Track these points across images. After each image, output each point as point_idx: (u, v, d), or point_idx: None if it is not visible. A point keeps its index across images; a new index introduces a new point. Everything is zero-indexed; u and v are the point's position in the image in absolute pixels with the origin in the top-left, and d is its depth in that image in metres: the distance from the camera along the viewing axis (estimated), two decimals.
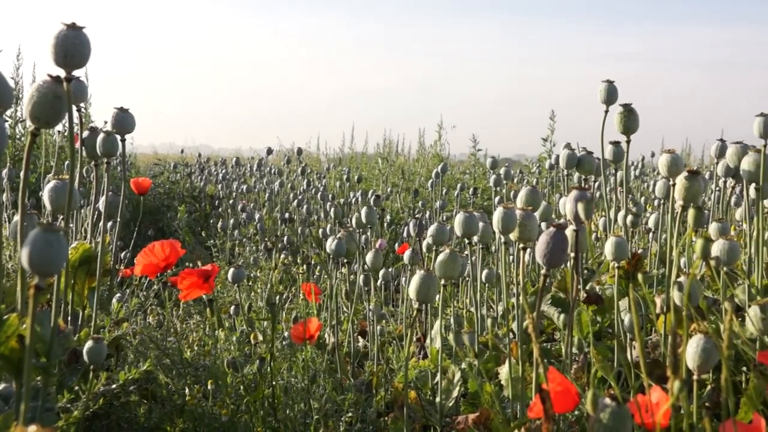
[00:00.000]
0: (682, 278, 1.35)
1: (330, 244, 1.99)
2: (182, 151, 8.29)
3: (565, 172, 2.06)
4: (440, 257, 1.51)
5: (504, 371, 1.58)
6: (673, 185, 1.51)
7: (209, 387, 1.61)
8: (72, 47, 1.08)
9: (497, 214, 1.42)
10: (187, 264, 2.95)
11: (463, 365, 1.85)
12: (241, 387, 1.58)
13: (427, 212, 4.38)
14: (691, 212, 0.84)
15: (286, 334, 1.86)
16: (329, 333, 2.10)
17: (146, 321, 2.02)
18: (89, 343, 1.31)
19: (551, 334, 2.14)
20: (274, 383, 1.55)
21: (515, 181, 5.72)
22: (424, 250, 2.37)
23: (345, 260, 2.04)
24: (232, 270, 1.91)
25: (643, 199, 4.25)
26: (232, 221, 4.19)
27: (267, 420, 1.54)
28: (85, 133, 1.69)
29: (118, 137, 1.66)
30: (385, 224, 4.76)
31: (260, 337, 1.78)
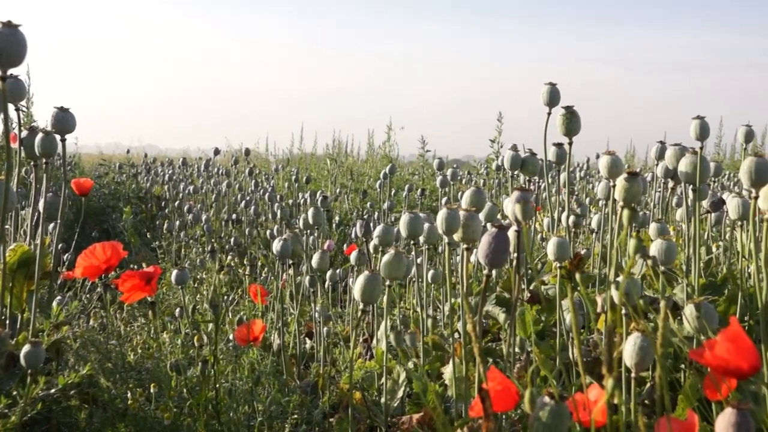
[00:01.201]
0: (620, 278, 1.38)
1: (275, 246, 1.98)
2: (128, 152, 8.17)
3: (510, 174, 2.08)
4: (385, 258, 1.52)
5: (448, 371, 1.59)
6: (614, 186, 1.54)
7: (152, 390, 1.59)
8: (7, 45, 1.06)
9: (441, 215, 1.43)
10: (132, 266, 2.91)
11: (409, 365, 1.86)
12: (185, 390, 1.57)
13: (376, 213, 4.38)
14: (624, 212, 0.86)
15: (231, 336, 1.85)
16: (275, 335, 2.09)
17: (88, 324, 1.98)
18: (27, 347, 1.28)
19: (497, 333, 2.16)
20: (217, 386, 1.53)
21: (463, 182, 5.76)
22: (371, 251, 2.37)
23: (291, 261, 2.03)
24: (175, 272, 1.89)
25: (588, 199, 4.31)
26: (178, 222, 4.14)
27: (210, 423, 1.53)
28: (24, 133, 1.66)
29: (58, 137, 1.63)
30: (334, 225, 4.76)
31: (205, 339, 1.76)
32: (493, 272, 2.30)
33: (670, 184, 2.13)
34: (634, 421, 1.02)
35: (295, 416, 1.66)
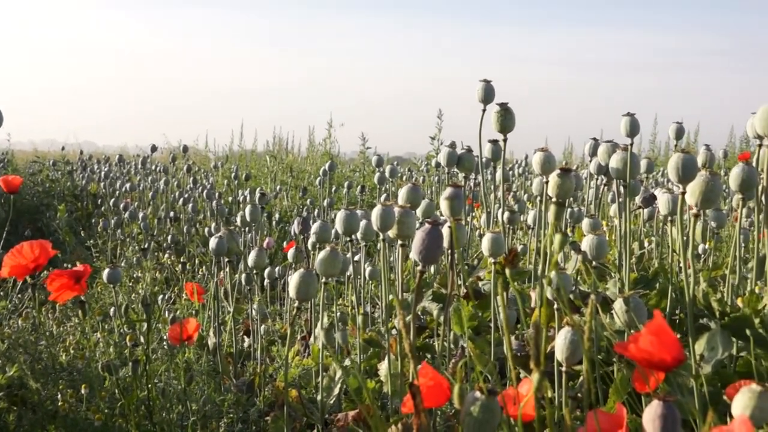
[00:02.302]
0: (552, 272, 1.39)
1: (211, 243, 1.96)
2: (63, 148, 7.99)
3: (446, 170, 2.09)
4: (320, 255, 1.51)
5: (383, 368, 1.59)
6: (547, 182, 1.56)
7: (83, 391, 1.56)
8: None
9: (375, 212, 1.43)
10: (66, 265, 2.85)
11: (347, 362, 1.85)
12: (117, 391, 1.54)
13: (316, 210, 4.36)
14: (551, 208, 0.87)
15: (166, 335, 1.82)
16: (211, 333, 2.06)
17: (18, 324, 1.93)
18: None
19: (435, 329, 2.17)
20: (150, 385, 1.51)
21: (404, 178, 5.78)
22: (310, 248, 2.36)
23: (227, 259, 2.01)
24: (107, 270, 1.86)
25: (526, 196, 4.36)
26: (114, 220, 4.07)
27: (143, 424, 1.50)
28: None
29: None
30: (274, 222, 4.72)
31: (142, 339, 1.73)
32: (432, 268, 2.31)
33: (603, 180, 2.17)
34: (564, 414, 1.04)
35: (231, 415, 1.64)
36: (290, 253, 2.22)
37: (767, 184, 1.39)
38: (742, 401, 0.95)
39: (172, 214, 4.39)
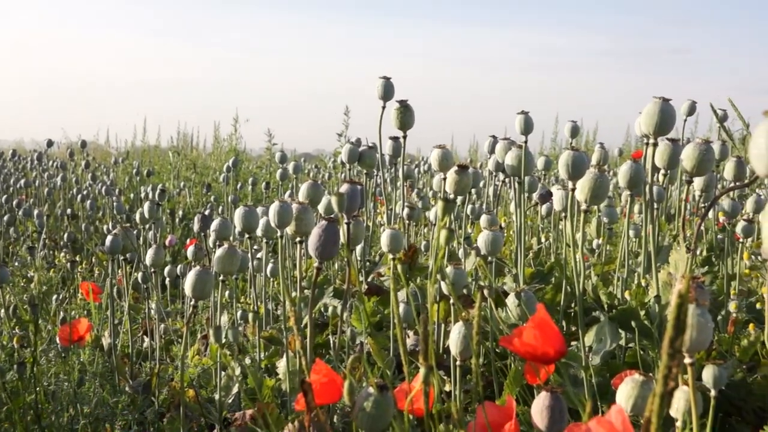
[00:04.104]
0: (449, 268, 1.41)
1: (106, 242, 1.91)
2: None
3: (348, 167, 2.10)
4: (218, 253, 1.49)
5: (282, 365, 1.58)
6: (445, 179, 1.58)
7: None
8: None
9: (273, 209, 1.42)
10: None
11: (247, 360, 1.83)
12: (3, 394, 1.48)
13: (221, 207, 4.31)
14: (439, 204, 0.88)
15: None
16: (106, 334, 2.01)
17: None
18: None
19: (339, 326, 2.16)
20: (38, 388, 1.46)
21: (311, 175, 5.75)
22: (211, 245, 2.33)
23: (122, 257, 1.96)
24: None
25: (432, 192, 4.41)
26: (7, 218, 3.92)
27: (31, 428, 1.45)
28: None
29: None
30: (177, 220, 4.64)
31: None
32: (336, 265, 2.31)
33: (502, 177, 2.21)
34: (457, 408, 1.05)
35: (127, 417, 1.61)
36: (189, 250, 2.18)
37: (651, 180, 1.44)
38: (625, 391, 0.98)
39: (69, 211, 4.26)
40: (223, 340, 1.67)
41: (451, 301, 1.37)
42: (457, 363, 1.20)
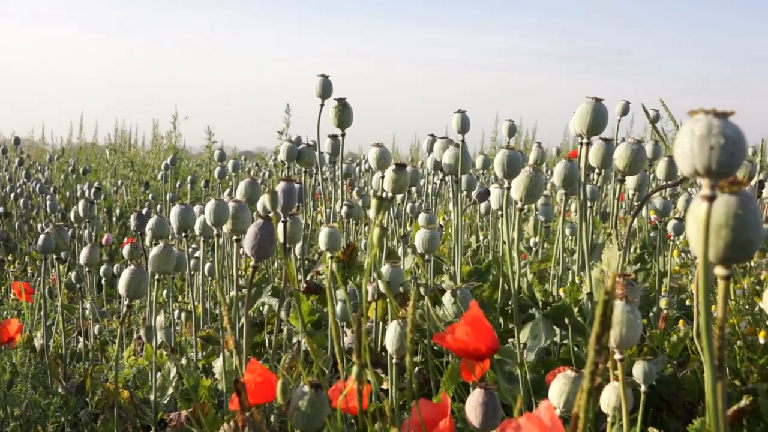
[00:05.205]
0: (386, 266, 1.42)
1: (39, 241, 1.87)
2: None
3: (287, 165, 2.09)
4: (153, 251, 1.48)
5: (218, 365, 1.57)
6: (383, 177, 1.58)
7: None
8: None
9: (209, 207, 1.41)
10: None
11: (184, 360, 1.81)
12: None
13: (159, 205, 4.25)
14: (372, 202, 0.88)
15: None
16: (38, 334, 1.96)
17: None
18: None
19: (278, 325, 2.15)
20: None
21: (251, 173, 5.71)
22: (147, 244, 2.29)
23: (56, 257, 1.92)
24: None
25: (372, 190, 4.41)
26: None
27: None
28: None
29: None
30: (114, 218, 4.56)
31: None
32: (275, 263, 2.29)
33: (441, 175, 2.22)
34: (392, 406, 1.05)
35: (60, 419, 1.57)
36: (125, 249, 2.15)
37: (585, 179, 1.46)
38: (558, 387, 0.99)
39: (2, 209, 4.15)
40: (155, 341, 1.65)
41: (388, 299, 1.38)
42: (394, 361, 1.20)
